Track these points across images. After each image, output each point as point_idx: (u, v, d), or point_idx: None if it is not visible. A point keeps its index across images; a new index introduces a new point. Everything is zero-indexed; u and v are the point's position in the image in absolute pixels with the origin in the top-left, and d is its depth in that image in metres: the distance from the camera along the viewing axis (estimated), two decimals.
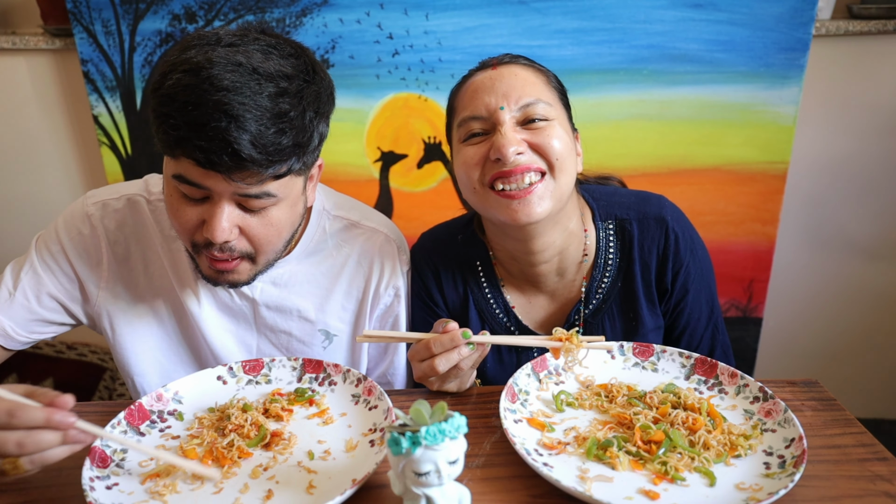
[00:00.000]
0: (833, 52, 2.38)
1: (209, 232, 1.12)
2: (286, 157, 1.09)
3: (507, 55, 1.32)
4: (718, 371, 1.21)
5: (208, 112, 1.01)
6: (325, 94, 1.17)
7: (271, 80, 1.06)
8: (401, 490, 0.86)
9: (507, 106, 1.23)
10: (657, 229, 1.39)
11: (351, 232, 1.44)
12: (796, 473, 0.93)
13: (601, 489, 0.95)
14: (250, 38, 1.11)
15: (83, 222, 1.36)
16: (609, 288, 1.40)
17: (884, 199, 2.59)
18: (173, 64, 1.06)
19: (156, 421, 1.13)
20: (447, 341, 1.13)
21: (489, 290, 1.44)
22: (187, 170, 1.08)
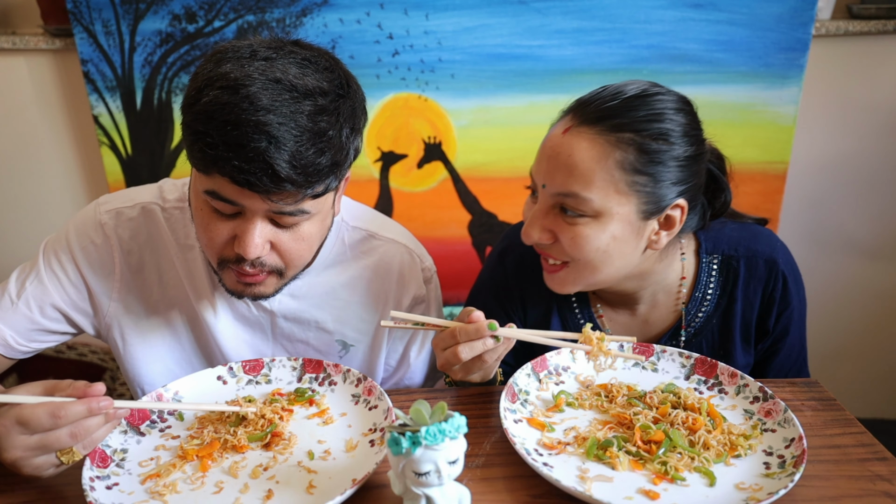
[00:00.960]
0: (833, 52, 2.38)
1: (241, 248, 1.10)
2: (324, 176, 1.07)
3: (591, 110, 1.18)
4: (718, 371, 1.21)
5: (248, 132, 0.99)
6: (359, 108, 1.15)
7: (309, 97, 1.03)
8: (401, 490, 0.86)
9: (549, 185, 1.18)
10: (766, 271, 1.34)
11: (370, 243, 1.42)
12: (796, 473, 0.93)
13: (601, 489, 0.95)
14: (285, 50, 1.07)
15: (96, 231, 1.32)
16: (703, 322, 1.36)
17: (884, 199, 2.59)
18: (209, 79, 1.03)
19: (156, 421, 1.13)
20: (472, 331, 1.09)
21: (575, 299, 1.41)
22: (222, 186, 1.05)
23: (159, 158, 2.51)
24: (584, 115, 1.17)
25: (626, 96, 1.16)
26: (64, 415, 0.92)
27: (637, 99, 1.16)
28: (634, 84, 1.20)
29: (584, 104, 1.19)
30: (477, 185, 2.51)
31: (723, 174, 1.35)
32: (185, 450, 1.04)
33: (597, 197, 1.15)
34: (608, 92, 1.18)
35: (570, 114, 1.20)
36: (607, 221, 1.17)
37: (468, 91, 2.38)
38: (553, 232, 1.20)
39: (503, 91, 2.37)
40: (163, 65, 2.38)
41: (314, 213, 1.14)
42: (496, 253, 1.49)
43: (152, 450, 1.07)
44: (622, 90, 1.18)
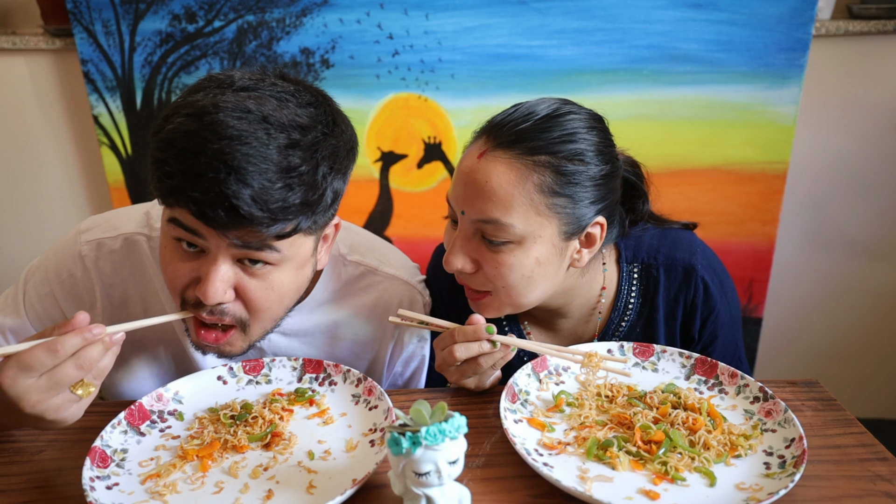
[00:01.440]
0: (833, 52, 2.39)
1: (202, 292, 1.03)
2: (292, 215, 0.98)
3: (504, 133, 1.16)
4: (719, 371, 1.21)
5: (206, 161, 0.92)
6: (343, 148, 1.07)
7: (283, 131, 0.96)
8: (401, 490, 0.86)
9: (468, 212, 1.17)
10: (685, 278, 1.33)
11: (368, 279, 1.35)
12: (796, 473, 0.93)
13: (601, 489, 0.95)
14: (267, 82, 1.02)
15: (75, 263, 1.26)
16: (627, 331, 1.37)
17: (884, 199, 2.59)
18: (177, 107, 0.98)
19: (156, 421, 1.13)
20: (470, 332, 1.13)
21: (505, 318, 1.41)
22: (183, 216, 0.99)
23: None
24: (498, 137, 1.15)
25: (537, 117, 1.16)
26: (61, 348, 0.90)
27: (549, 119, 1.17)
28: (545, 103, 1.20)
29: (497, 126, 1.17)
30: None
31: (639, 181, 1.35)
32: (186, 450, 1.04)
33: (518, 222, 1.14)
34: (520, 113, 1.17)
35: (482, 136, 1.19)
36: (531, 246, 1.16)
37: (468, 91, 2.38)
38: (476, 260, 1.20)
39: (503, 91, 2.37)
40: (163, 65, 2.38)
41: (287, 256, 1.05)
42: (427, 280, 1.45)
43: (152, 450, 1.06)
44: (534, 111, 1.17)
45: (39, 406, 0.91)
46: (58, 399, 0.93)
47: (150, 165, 0.99)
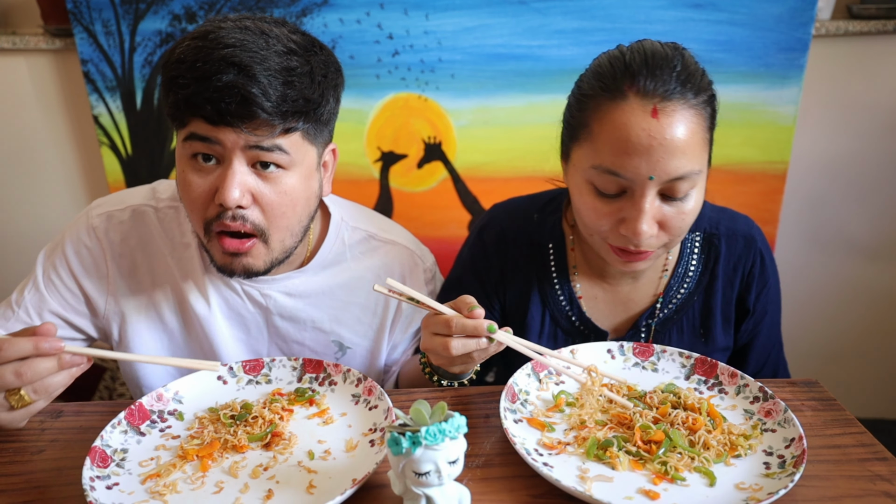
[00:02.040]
0: (833, 52, 2.38)
1: (221, 196, 1.11)
2: (296, 109, 1.10)
3: (662, 83, 1.09)
4: (718, 371, 1.21)
5: (216, 65, 1.03)
6: (332, 66, 1.18)
7: (279, 41, 1.08)
8: (401, 490, 0.86)
9: (658, 176, 1.09)
10: (745, 248, 1.36)
11: (370, 244, 1.42)
12: (796, 473, 0.93)
13: (601, 489, 0.95)
14: (261, 18, 1.14)
15: (87, 235, 1.34)
16: (685, 300, 1.36)
17: (884, 199, 2.59)
18: (182, 38, 1.09)
19: (156, 421, 1.13)
20: (470, 327, 1.06)
21: (557, 276, 1.38)
22: (198, 126, 1.09)
23: (159, 158, 2.51)
24: (659, 89, 1.09)
25: (676, 58, 1.12)
26: (7, 349, 0.92)
27: (684, 56, 1.14)
28: (655, 44, 1.16)
29: (649, 79, 1.09)
30: (477, 185, 2.51)
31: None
32: (186, 450, 1.04)
33: (699, 166, 1.12)
34: (656, 58, 1.11)
35: (634, 95, 1.10)
36: (702, 185, 1.17)
37: (468, 91, 2.38)
38: (659, 221, 1.15)
39: (503, 91, 2.37)
40: None
41: (294, 160, 1.15)
42: (476, 230, 1.47)
43: (152, 450, 1.06)
44: (663, 52, 1.13)
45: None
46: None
47: (164, 87, 1.10)
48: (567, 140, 1.23)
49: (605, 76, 1.14)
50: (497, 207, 1.48)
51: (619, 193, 1.14)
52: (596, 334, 1.37)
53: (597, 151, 1.13)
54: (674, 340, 1.37)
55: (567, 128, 1.23)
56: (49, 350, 0.94)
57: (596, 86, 1.14)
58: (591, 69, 1.20)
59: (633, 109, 1.09)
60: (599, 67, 1.17)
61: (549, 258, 1.39)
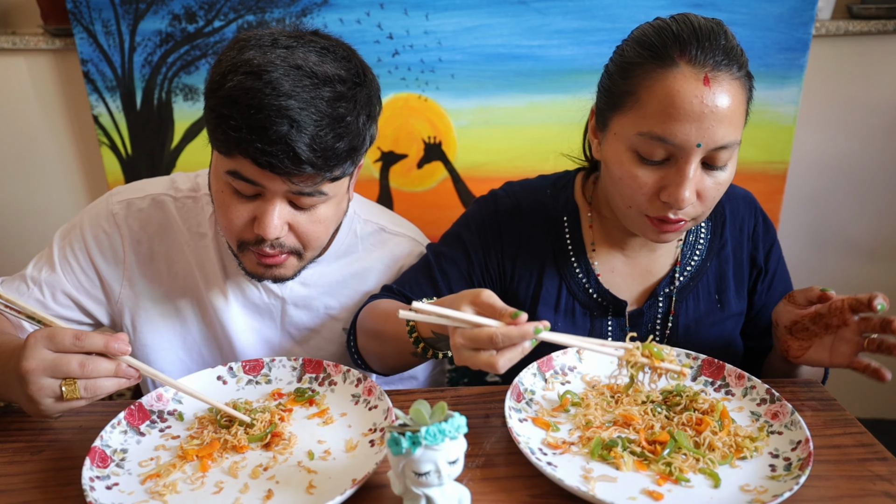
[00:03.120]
0: (833, 52, 2.38)
1: (261, 229, 1.14)
2: (342, 160, 1.12)
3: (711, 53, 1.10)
4: (725, 373, 1.21)
5: (270, 116, 1.04)
6: (374, 96, 1.19)
7: (328, 84, 1.08)
8: (401, 490, 0.86)
9: (705, 144, 1.10)
10: (746, 208, 1.40)
11: (381, 236, 1.48)
12: (802, 476, 0.93)
13: (605, 489, 0.95)
14: (305, 39, 1.13)
15: (107, 221, 1.37)
16: (699, 266, 1.38)
17: (884, 199, 2.59)
18: (233, 65, 1.08)
19: (156, 421, 1.13)
20: (516, 335, 0.95)
21: (573, 249, 1.38)
22: (243, 167, 1.10)
23: (159, 158, 2.51)
24: (709, 58, 1.10)
25: (721, 31, 1.13)
26: (84, 339, 0.97)
27: (725, 30, 1.14)
28: (699, 18, 1.15)
29: (699, 48, 1.10)
30: (477, 185, 2.50)
31: None
32: (185, 450, 1.04)
33: (740, 136, 1.14)
34: (703, 29, 1.12)
35: (687, 59, 1.10)
36: (736, 157, 1.18)
37: (468, 91, 2.38)
38: (698, 191, 1.15)
39: (503, 91, 2.37)
40: (163, 65, 2.38)
41: (331, 195, 1.18)
42: (489, 196, 1.46)
43: (152, 450, 1.06)
44: (709, 26, 1.13)
45: (30, 376, 0.97)
46: (46, 381, 0.97)
47: (213, 119, 1.10)
48: (606, 109, 1.22)
49: (652, 44, 1.13)
50: (510, 183, 1.49)
51: (663, 161, 1.15)
52: (615, 305, 1.36)
53: (645, 118, 1.13)
54: (690, 308, 1.37)
55: (607, 97, 1.22)
56: (117, 351, 0.98)
57: (644, 54, 1.14)
58: (633, 38, 1.19)
59: (685, 76, 1.09)
60: (644, 36, 1.16)
61: (564, 232, 1.39)
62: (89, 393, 0.99)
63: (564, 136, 1.43)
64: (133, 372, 1.01)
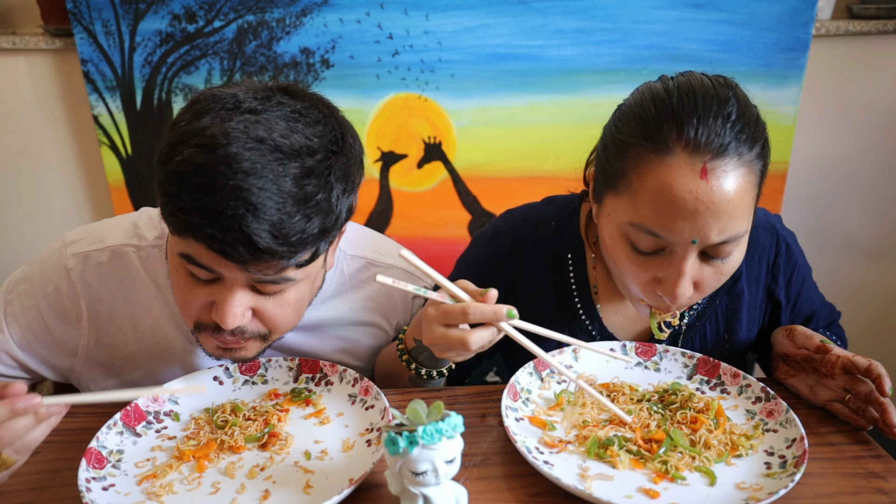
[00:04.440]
0: (833, 52, 2.38)
1: (219, 318, 1.02)
2: (311, 244, 0.98)
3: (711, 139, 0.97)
4: (721, 371, 1.20)
5: (224, 199, 0.90)
6: (354, 164, 1.05)
7: (296, 158, 0.94)
8: (398, 489, 0.85)
9: (701, 240, 1.01)
10: (767, 237, 1.29)
11: (370, 271, 1.35)
12: (797, 473, 0.93)
13: (601, 487, 0.95)
14: (273, 101, 0.98)
15: (60, 277, 1.21)
16: (706, 305, 1.30)
17: (884, 199, 2.59)
18: (184, 134, 0.94)
19: (152, 422, 1.12)
20: (489, 314, 0.96)
21: (576, 288, 1.32)
22: (197, 252, 0.97)
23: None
24: (707, 146, 0.98)
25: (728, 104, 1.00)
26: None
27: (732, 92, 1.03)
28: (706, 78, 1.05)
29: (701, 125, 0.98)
30: (477, 185, 2.50)
31: None
32: (182, 450, 1.04)
33: (746, 227, 1.04)
34: (703, 106, 1.00)
35: (684, 145, 0.99)
36: (745, 243, 1.08)
37: (468, 91, 2.38)
38: (696, 281, 1.07)
39: (503, 91, 2.37)
40: (163, 65, 2.38)
41: (300, 279, 1.05)
42: (488, 234, 1.38)
43: (148, 450, 1.06)
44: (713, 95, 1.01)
45: None
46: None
47: (161, 197, 0.96)
48: (601, 185, 1.13)
49: (648, 122, 1.02)
50: (512, 213, 1.39)
51: (658, 251, 1.06)
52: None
53: (636, 208, 1.03)
54: (696, 346, 1.33)
55: (602, 171, 1.12)
56: (26, 409, 0.87)
57: (638, 133, 1.03)
58: (631, 109, 1.08)
59: (679, 168, 0.98)
60: (642, 110, 1.05)
61: (567, 269, 1.33)
62: (22, 453, 0.91)
63: (564, 137, 1.42)
64: (57, 408, 0.90)
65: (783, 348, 1.21)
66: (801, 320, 1.37)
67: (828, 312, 1.42)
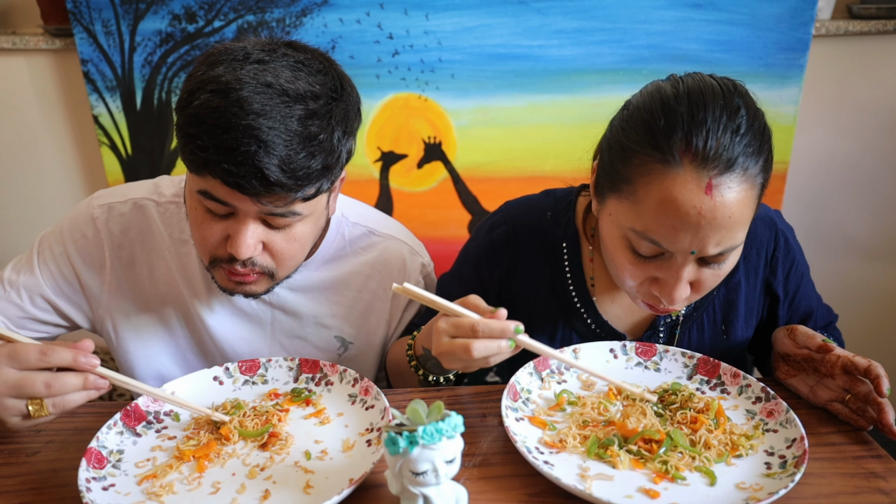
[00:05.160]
0: (833, 52, 2.38)
1: (234, 248, 1.11)
2: (315, 179, 1.08)
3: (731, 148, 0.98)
4: (721, 371, 1.20)
5: (238, 136, 1.00)
6: (352, 111, 1.16)
7: (300, 101, 1.04)
8: (398, 489, 0.85)
9: (700, 251, 1.03)
10: (766, 232, 1.31)
11: (369, 239, 1.43)
12: (797, 473, 0.93)
13: (601, 487, 0.95)
14: (279, 53, 1.08)
15: (87, 225, 1.34)
16: (704, 296, 1.27)
17: (884, 199, 2.59)
18: (201, 81, 1.04)
19: (152, 422, 1.12)
20: (497, 330, 1.00)
21: (572, 279, 1.34)
22: (214, 187, 1.06)
23: (159, 158, 2.51)
24: (713, 161, 0.98)
25: (738, 116, 1.00)
26: (51, 354, 0.95)
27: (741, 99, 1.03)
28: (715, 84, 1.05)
29: (711, 137, 0.99)
30: (477, 185, 2.50)
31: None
32: (182, 450, 1.04)
33: (743, 237, 1.07)
34: (711, 119, 0.99)
35: (691, 158, 0.99)
36: (741, 248, 1.10)
37: (468, 91, 2.38)
38: (693, 283, 1.10)
39: (503, 91, 2.37)
40: (163, 65, 2.38)
41: (306, 214, 1.14)
42: (486, 226, 1.41)
43: (148, 450, 1.06)
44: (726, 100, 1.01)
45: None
46: (11, 402, 0.96)
47: (181, 138, 1.06)
48: (605, 184, 1.13)
49: (657, 132, 1.02)
50: (509, 204, 1.43)
51: (656, 255, 1.08)
52: (613, 338, 1.34)
53: (639, 216, 1.05)
54: (693, 338, 1.35)
55: (606, 172, 1.13)
56: (85, 365, 0.96)
57: (646, 141, 1.03)
58: (640, 114, 1.07)
59: (685, 182, 0.99)
60: (652, 118, 1.04)
61: (563, 259, 1.34)
62: (57, 409, 0.97)
63: (564, 137, 1.42)
64: (103, 382, 0.99)
65: (784, 348, 1.21)
66: (798, 317, 1.37)
67: (825, 313, 1.42)
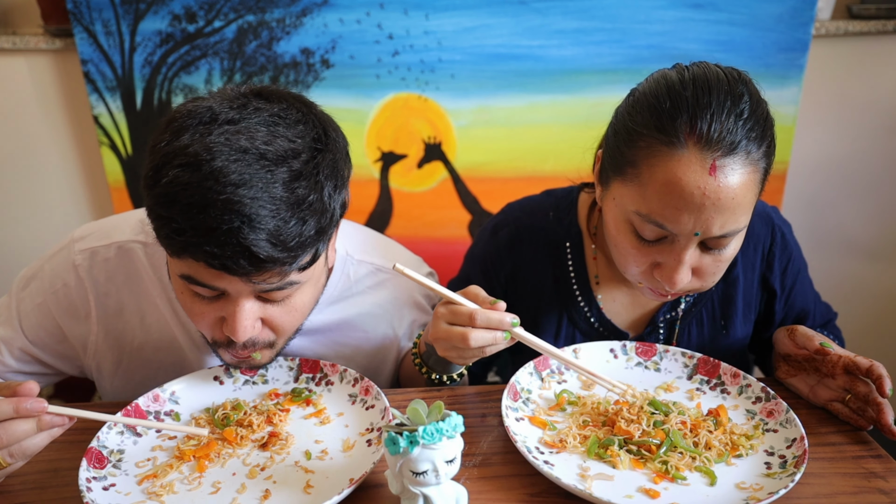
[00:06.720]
0: (833, 53, 2.38)
1: (231, 332, 1.03)
2: (310, 246, 0.98)
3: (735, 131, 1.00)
4: (721, 371, 1.20)
5: (217, 214, 0.89)
6: (341, 158, 1.04)
7: (282, 163, 0.93)
8: (398, 489, 0.86)
9: (703, 233, 1.04)
10: (763, 227, 1.32)
11: (377, 277, 1.34)
12: (797, 473, 0.93)
13: (601, 487, 0.95)
14: (250, 108, 0.97)
15: (69, 273, 1.23)
16: (703, 292, 1.28)
17: (884, 199, 2.59)
18: (166, 155, 0.92)
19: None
20: (494, 320, 1.02)
21: (575, 278, 1.34)
22: (197, 271, 0.96)
23: None
24: (718, 143, 1.00)
25: (741, 101, 1.02)
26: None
27: (744, 86, 1.05)
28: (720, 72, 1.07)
29: (715, 120, 1.00)
30: (477, 185, 2.50)
31: None
32: (182, 450, 1.04)
33: (746, 221, 1.07)
34: (716, 103, 1.01)
35: (696, 140, 1.00)
36: (743, 234, 1.11)
37: (468, 91, 2.38)
38: (695, 269, 1.10)
39: (503, 91, 2.37)
40: (163, 65, 2.38)
41: (304, 281, 1.06)
42: (489, 228, 1.42)
43: (149, 450, 1.06)
44: (730, 86, 1.03)
45: None
46: None
47: (154, 221, 0.95)
48: (609, 169, 1.14)
49: (662, 114, 1.03)
50: (511, 206, 1.44)
51: (659, 239, 1.09)
52: (615, 336, 1.35)
53: (643, 198, 1.06)
54: (693, 334, 1.35)
55: (611, 156, 1.14)
56: (31, 411, 0.88)
57: (651, 123, 1.04)
58: (646, 98, 1.08)
59: (689, 162, 1.00)
60: (657, 101, 1.05)
61: (566, 258, 1.35)
62: (18, 458, 0.90)
63: (564, 137, 1.42)
64: (60, 419, 0.91)
65: (784, 348, 1.22)
66: (794, 313, 1.38)
67: (823, 310, 1.42)
